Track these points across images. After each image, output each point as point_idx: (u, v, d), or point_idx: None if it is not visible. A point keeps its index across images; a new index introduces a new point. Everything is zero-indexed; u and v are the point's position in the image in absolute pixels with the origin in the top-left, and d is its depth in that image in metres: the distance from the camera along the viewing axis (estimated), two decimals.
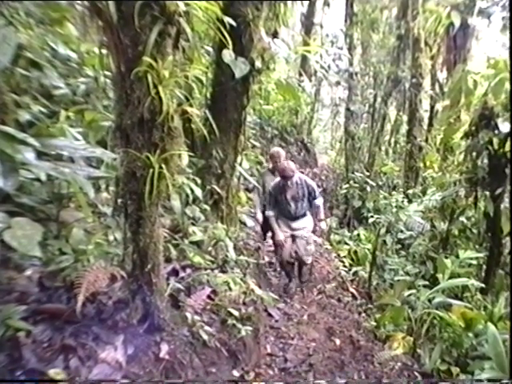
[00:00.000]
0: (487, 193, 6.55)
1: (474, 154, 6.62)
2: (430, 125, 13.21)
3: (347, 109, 15.33)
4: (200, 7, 3.54)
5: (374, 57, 15.66)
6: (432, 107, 13.34)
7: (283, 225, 7.19)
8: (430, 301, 5.46)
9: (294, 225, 7.19)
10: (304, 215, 7.23)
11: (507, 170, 6.25)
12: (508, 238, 6.74)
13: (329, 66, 14.43)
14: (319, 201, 7.24)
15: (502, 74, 6.02)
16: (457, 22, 10.25)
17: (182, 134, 3.23)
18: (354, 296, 7.51)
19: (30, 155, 2.68)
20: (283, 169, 6.72)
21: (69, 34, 4.95)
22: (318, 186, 8.97)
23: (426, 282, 6.70)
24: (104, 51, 3.04)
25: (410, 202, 10.68)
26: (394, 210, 10.01)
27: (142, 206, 3.13)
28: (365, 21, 15.13)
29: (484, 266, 6.88)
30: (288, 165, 6.80)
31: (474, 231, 7.68)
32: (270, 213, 7.10)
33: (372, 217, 10.45)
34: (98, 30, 2.90)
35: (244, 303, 4.73)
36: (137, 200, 3.12)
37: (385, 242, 9.35)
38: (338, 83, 16.36)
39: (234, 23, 4.64)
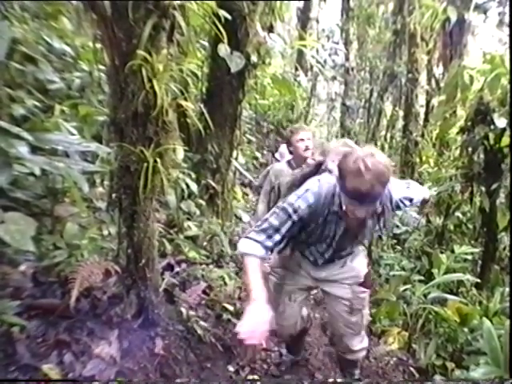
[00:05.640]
0: (483, 188, 6.53)
1: (470, 149, 6.60)
2: (426, 120, 13.16)
3: (343, 104, 15.33)
4: (195, 1, 3.53)
5: (370, 52, 15.63)
6: (428, 102, 13.28)
7: (296, 273, 3.51)
8: (425, 296, 5.45)
9: (319, 273, 3.45)
10: (348, 254, 3.41)
11: (503, 166, 6.25)
12: (503, 233, 6.75)
13: (325, 61, 14.41)
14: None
15: (498, 69, 6.01)
16: (453, 18, 10.22)
17: (176, 129, 3.23)
18: None
19: (24, 149, 2.66)
20: (363, 179, 2.49)
21: (64, 28, 4.93)
22: None
23: (422, 277, 6.69)
24: (98, 45, 3.03)
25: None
26: None
27: (136, 200, 3.12)
28: (361, 15, 15.11)
29: (479, 261, 6.87)
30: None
31: (470, 226, 7.66)
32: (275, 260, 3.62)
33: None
34: (92, 24, 2.88)
35: (239, 298, 4.73)
36: (131, 194, 3.11)
37: (380, 237, 9.34)
38: (334, 78, 16.34)
39: (229, 17, 4.63)
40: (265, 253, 2.88)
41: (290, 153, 4.71)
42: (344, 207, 2.84)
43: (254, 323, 2.57)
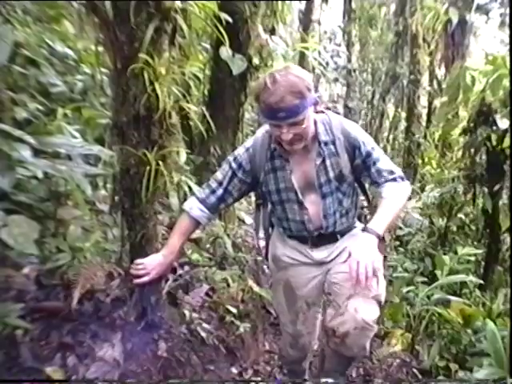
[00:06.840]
0: (485, 189, 6.53)
1: (473, 150, 6.59)
2: (429, 121, 13.17)
3: (345, 105, 15.34)
4: (197, 4, 3.53)
5: (372, 53, 15.66)
6: (430, 104, 13.29)
7: (290, 252, 3.11)
8: (428, 297, 5.44)
9: (319, 253, 3.03)
10: (346, 230, 3.13)
11: (505, 167, 6.24)
12: (506, 235, 6.73)
13: (327, 63, 14.39)
14: (394, 187, 2.98)
15: (501, 70, 6.00)
16: (455, 19, 10.23)
17: (180, 131, 3.23)
18: None
19: (26, 153, 2.67)
20: (270, 92, 2.38)
21: (66, 31, 4.93)
22: None
23: (425, 279, 6.69)
24: (100, 48, 3.04)
25: (408, 198, 10.67)
26: None
27: (138, 203, 3.12)
28: (363, 17, 15.14)
29: (482, 263, 6.87)
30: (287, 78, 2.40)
31: (473, 228, 7.65)
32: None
33: (371, 214, 10.36)
34: (94, 27, 2.89)
35: (242, 300, 4.72)
36: (133, 197, 3.11)
37: (383, 238, 9.30)
38: (336, 80, 16.35)
39: (231, 20, 4.63)
40: (201, 214, 2.99)
41: None
42: (272, 134, 2.70)
43: (148, 265, 2.96)
